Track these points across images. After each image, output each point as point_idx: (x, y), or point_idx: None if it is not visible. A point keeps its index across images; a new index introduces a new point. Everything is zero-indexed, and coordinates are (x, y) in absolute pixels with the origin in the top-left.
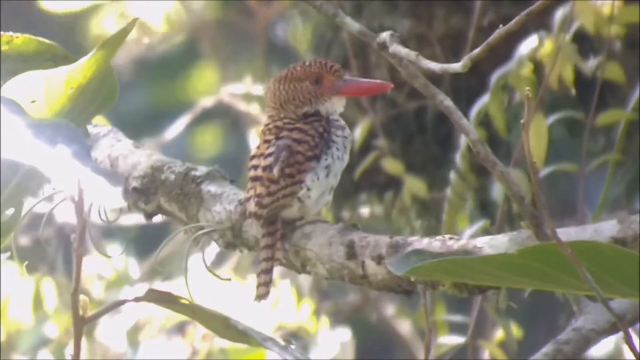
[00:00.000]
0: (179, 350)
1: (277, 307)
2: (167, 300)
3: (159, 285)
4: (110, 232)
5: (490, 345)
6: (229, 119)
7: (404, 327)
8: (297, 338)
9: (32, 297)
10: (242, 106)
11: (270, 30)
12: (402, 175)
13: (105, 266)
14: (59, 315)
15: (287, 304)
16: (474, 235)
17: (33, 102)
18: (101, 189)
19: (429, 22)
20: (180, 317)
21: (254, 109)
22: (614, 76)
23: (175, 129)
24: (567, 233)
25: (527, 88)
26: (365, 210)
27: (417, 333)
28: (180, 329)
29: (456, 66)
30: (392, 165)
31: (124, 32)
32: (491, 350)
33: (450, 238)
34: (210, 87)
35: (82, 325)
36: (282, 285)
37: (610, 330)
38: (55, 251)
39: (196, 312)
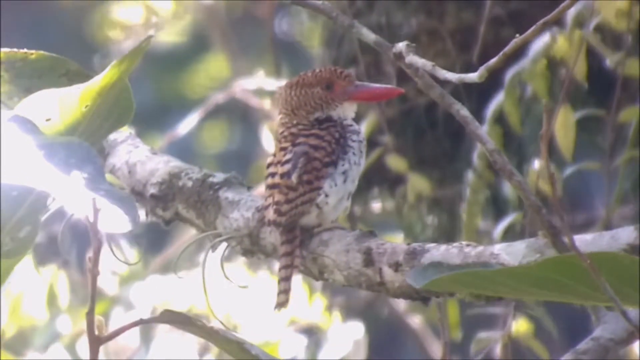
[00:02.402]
0: (192, 344)
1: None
2: (183, 322)
3: (173, 281)
4: None
5: (529, 339)
6: (237, 113)
7: (416, 320)
8: (309, 333)
9: (46, 293)
10: (254, 101)
11: (279, 25)
12: (406, 172)
13: (118, 262)
14: (73, 311)
15: (300, 299)
16: (501, 233)
17: (48, 120)
18: (114, 213)
19: (440, 17)
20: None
21: (266, 103)
22: (634, 72)
23: (188, 123)
24: (584, 240)
25: (544, 101)
26: (377, 206)
27: (429, 327)
28: None
29: (472, 76)
30: (396, 162)
31: (139, 50)
32: (531, 344)
33: (468, 245)
34: (219, 80)
35: (98, 345)
36: (295, 280)
37: (629, 339)
38: (69, 247)
39: (211, 335)
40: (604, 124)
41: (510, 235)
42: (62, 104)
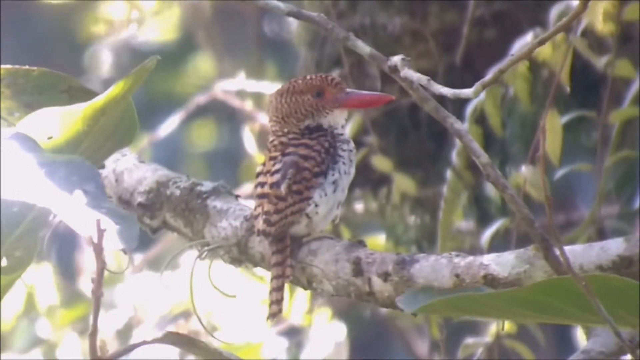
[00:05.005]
0: (171, 349)
1: None
2: (186, 343)
3: (155, 280)
4: None
5: (518, 344)
6: (225, 113)
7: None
8: (291, 335)
9: (24, 296)
10: (236, 102)
11: (268, 24)
12: (392, 172)
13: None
14: (52, 315)
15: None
16: (488, 238)
17: (49, 138)
18: (116, 231)
19: (423, 18)
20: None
21: (248, 105)
22: (624, 73)
23: (169, 125)
24: (574, 251)
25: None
26: (359, 206)
27: (414, 326)
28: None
29: (467, 92)
30: (381, 163)
31: (144, 70)
32: (520, 349)
33: (457, 255)
34: (207, 79)
35: None
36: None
37: (619, 352)
38: (49, 248)
39: (214, 355)
40: (589, 125)
41: (496, 239)
42: (64, 122)
